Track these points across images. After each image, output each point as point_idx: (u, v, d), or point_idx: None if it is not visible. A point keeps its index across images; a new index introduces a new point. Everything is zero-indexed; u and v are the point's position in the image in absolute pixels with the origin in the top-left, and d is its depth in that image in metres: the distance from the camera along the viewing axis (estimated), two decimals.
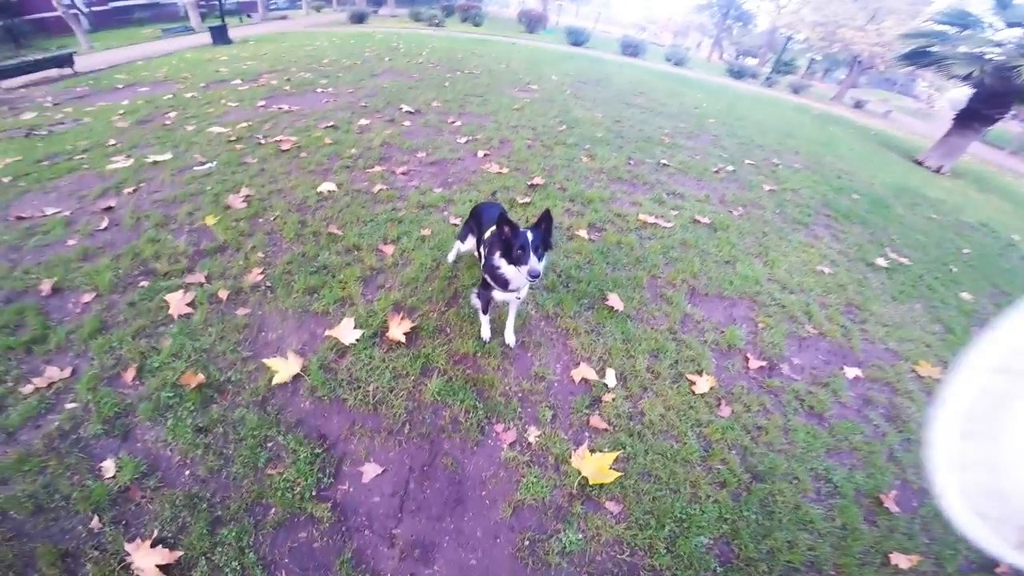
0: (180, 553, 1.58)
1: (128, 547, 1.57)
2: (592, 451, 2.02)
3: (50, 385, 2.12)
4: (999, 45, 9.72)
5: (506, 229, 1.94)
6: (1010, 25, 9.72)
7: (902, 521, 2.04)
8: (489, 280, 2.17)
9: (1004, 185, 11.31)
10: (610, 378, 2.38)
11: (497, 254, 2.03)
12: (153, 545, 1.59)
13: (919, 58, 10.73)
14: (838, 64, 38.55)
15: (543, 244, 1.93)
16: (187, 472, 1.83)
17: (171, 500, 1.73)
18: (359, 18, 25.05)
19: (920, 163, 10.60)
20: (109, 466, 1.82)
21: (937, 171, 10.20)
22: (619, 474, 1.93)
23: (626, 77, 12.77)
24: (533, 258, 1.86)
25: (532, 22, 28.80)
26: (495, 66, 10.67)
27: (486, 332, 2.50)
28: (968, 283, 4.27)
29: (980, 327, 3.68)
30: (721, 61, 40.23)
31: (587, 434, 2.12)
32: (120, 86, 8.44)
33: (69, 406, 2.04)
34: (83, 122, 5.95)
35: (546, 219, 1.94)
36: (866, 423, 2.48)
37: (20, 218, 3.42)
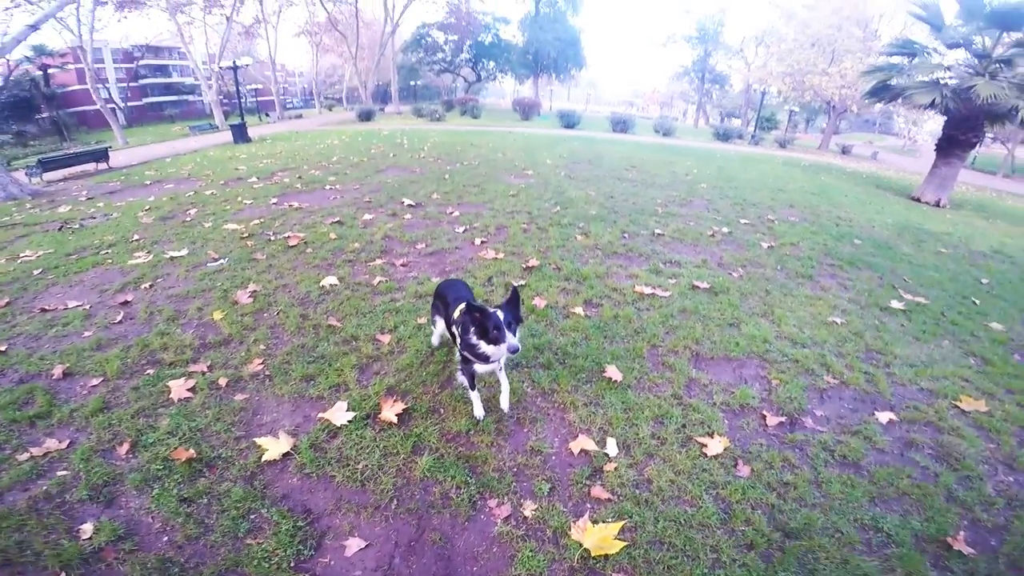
0: None
1: None
2: (594, 522, 1.90)
3: (46, 454, 2.24)
4: (949, 68, 10.14)
5: (476, 315, 2.07)
6: (951, 47, 10.16)
7: (981, 563, 1.86)
8: (469, 356, 2.23)
9: (1007, 209, 11.37)
10: (611, 447, 2.30)
11: (473, 336, 2.12)
12: None
13: (883, 93, 11.20)
14: (816, 113, 40.60)
15: (515, 319, 2.07)
16: (165, 538, 1.85)
17: (143, 563, 1.74)
18: (367, 116, 27.38)
19: (917, 199, 10.73)
20: (87, 528, 1.87)
21: (936, 205, 10.33)
22: (624, 544, 1.82)
23: (617, 153, 13.54)
24: (509, 335, 2.01)
25: (526, 110, 31.21)
26: (492, 155, 11.42)
27: (479, 411, 2.48)
28: (995, 313, 4.13)
29: (1021, 354, 3.49)
30: (707, 126, 42.67)
31: (588, 505, 2.02)
32: (148, 182, 9.19)
33: (60, 473, 2.13)
34: (112, 217, 6.44)
35: (514, 296, 2.11)
36: (912, 466, 2.34)
37: (44, 310, 3.69)
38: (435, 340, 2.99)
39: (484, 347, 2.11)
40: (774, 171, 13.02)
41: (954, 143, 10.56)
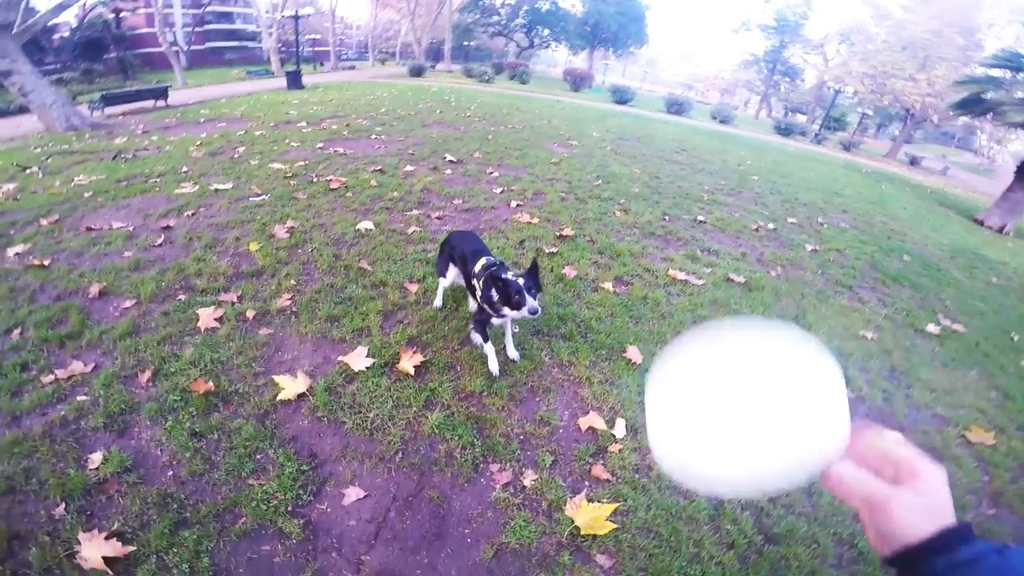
0: (132, 548, 1.59)
1: (82, 536, 1.59)
2: (590, 500, 1.91)
3: (70, 377, 2.28)
4: None
5: (500, 285, 2.16)
6: None
7: None
8: (488, 309, 2.27)
9: None
10: (620, 429, 2.28)
11: (497, 301, 2.18)
12: (108, 538, 1.60)
13: (973, 106, 10.29)
14: (891, 119, 37.52)
15: (535, 286, 2.16)
16: (170, 472, 1.88)
17: (143, 496, 1.77)
18: (417, 71, 27.15)
19: (980, 222, 9.93)
20: (96, 458, 1.89)
21: (1000, 231, 9.52)
22: (614, 526, 1.82)
23: (669, 134, 12.99)
24: (530, 299, 2.10)
25: (577, 81, 30.19)
26: (537, 122, 11.15)
27: (494, 366, 2.49)
28: None
29: None
30: (769, 119, 40.25)
31: (587, 483, 2.02)
32: (202, 120, 9.44)
33: (80, 398, 2.17)
34: (164, 150, 6.66)
35: (534, 267, 2.21)
36: None
37: (90, 229, 3.85)
38: (438, 302, 2.97)
39: (507, 311, 2.21)
40: (832, 173, 12.25)
41: None
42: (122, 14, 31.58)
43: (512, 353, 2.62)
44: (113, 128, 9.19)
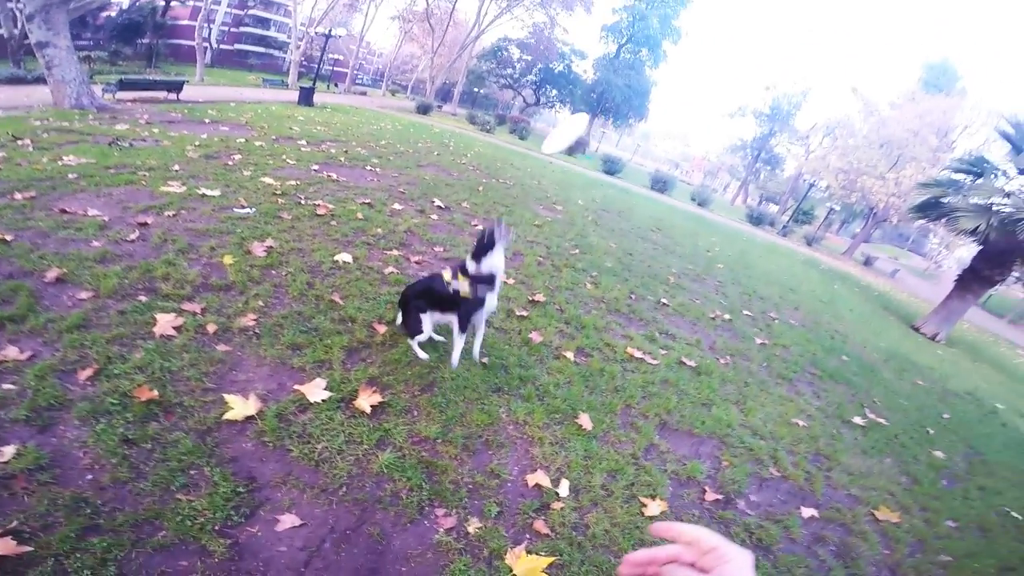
0: (28, 549, 1.51)
1: None
2: (529, 552, 1.99)
3: (1, 362, 2.16)
4: (1008, 195, 9.67)
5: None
6: (1022, 172, 9.69)
7: None
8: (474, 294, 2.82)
9: (997, 355, 11.42)
10: (563, 488, 2.39)
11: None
12: (2, 535, 1.52)
13: (931, 210, 10.82)
14: (854, 215, 40.22)
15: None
16: (89, 476, 1.80)
17: (54, 498, 1.68)
18: (424, 109, 28.13)
19: (917, 329, 10.60)
20: (8, 451, 1.79)
21: (933, 338, 10.18)
22: None
23: (648, 212, 13.76)
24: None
25: (573, 145, 31.66)
26: (528, 180, 11.67)
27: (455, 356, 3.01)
28: (943, 443, 4.41)
29: (948, 481, 3.81)
30: (744, 206, 42.73)
31: (528, 536, 2.10)
32: (207, 120, 9.48)
33: (6, 386, 2.06)
34: (162, 144, 6.64)
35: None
36: (813, 558, 2.52)
37: (64, 211, 3.72)
38: (424, 355, 3.04)
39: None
40: (792, 268, 13.14)
41: (977, 277, 10.33)
42: (172, 2, 32.05)
43: (477, 357, 3.05)
44: (119, 113, 9.13)
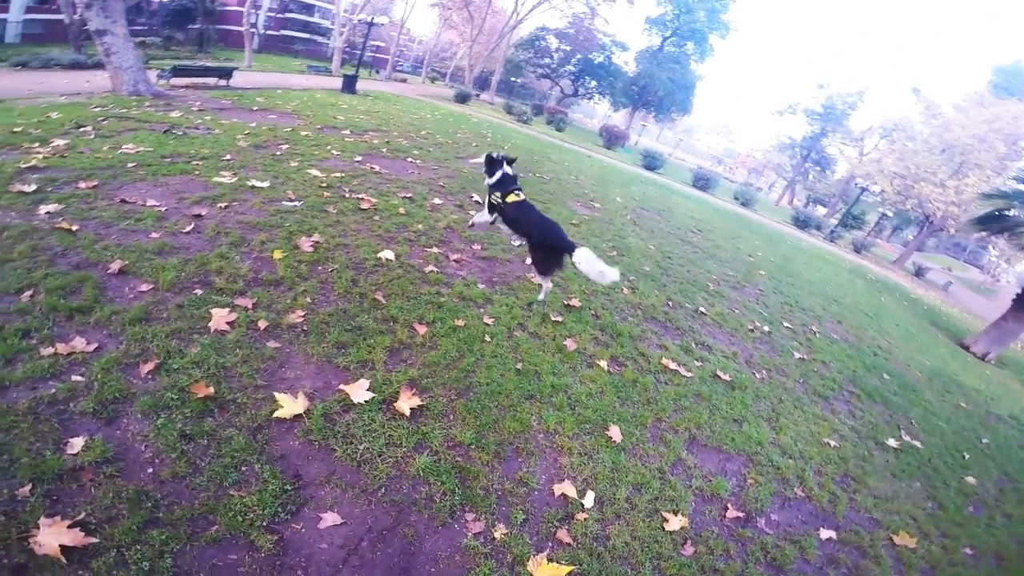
0: (94, 540, 1.59)
1: (43, 520, 1.58)
2: (550, 560, 2.05)
3: (70, 354, 2.27)
4: None
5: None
6: None
7: None
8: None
9: None
10: (588, 500, 2.43)
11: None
12: (72, 526, 1.58)
13: (993, 223, 10.30)
14: (908, 222, 37.93)
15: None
16: (150, 470, 1.89)
17: (118, 490, 1.77)
18: (463, 98, 28.15)
19: (967, 347, 10.03)
20: (78, 443, 1.87)
21: (982, 358, 9.62)
22: None
23: (688, 211, 13.39)
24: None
25: (612, 138, 31.08)
26: (565, 176, 11.53)
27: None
28: (977, 469, 4.27)
29: (975, 507, 3.69)
30: (790, 206, 40.77)
31: (550, 544, 2.16)
32: (255, 108, 9.80)
33: (75, 378, 2.17)
34: (214, 132, 6.93)
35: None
36: None
37: (124, 201, 3.95)
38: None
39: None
40: (838, 277, 12.55)
41: None
42: None
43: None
44: (173, 100, 9.55)
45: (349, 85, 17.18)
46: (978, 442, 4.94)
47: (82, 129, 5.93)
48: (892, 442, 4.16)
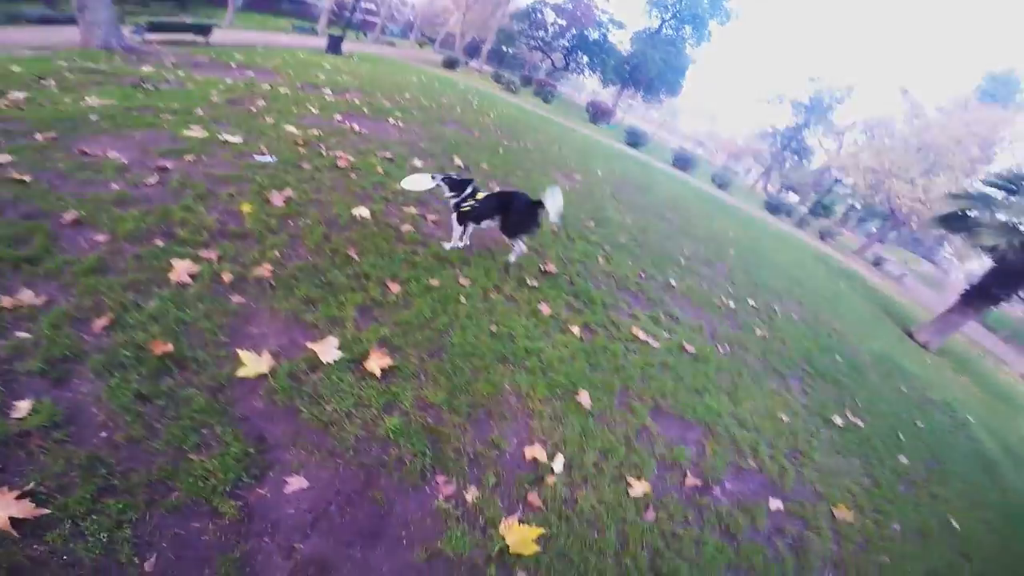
0: (46, 511, 1.52)
1: None
2: (520, 522, 2.11)
3: (15, 308, 2.11)
4: None
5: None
6: None
7: None
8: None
9: (982, 369, 11.50)
10: (558, 464, 2.51)
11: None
12: (20, 497, 1.51)
13: (956, 223, 10.68)
14: (873, 215, 39.12)
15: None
16: (103, 434, 1.79)
17: (68, 457, 1.68)
18: (451, 64, 27.29)
19: (911, 335, 10.62)
20: (24, 406, 1.76)
21: (924, 346, 10.21)
22: (538, 549, 2.03)
23: (667, 190, 13.51)
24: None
25: (598, 114, 30.80)
26: (549, 146, 11.42)
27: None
28: (910, 450, 4.57)
29: (905, 486, 3.98)
30: (764, 192, 41.61)
31: (521, 507, 2.22)
32: (233, 65, 9.31)
33: (21, 335, 2.02)
34: (186, 87, 6.56)
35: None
36: (771, 548, 2.68)
37: (83, 152, 3.72)
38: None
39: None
40: (802, 262, 12.98)
41: (984, 295, 10.27)
42: None
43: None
44: (146, 55, 9.01)
45: (334, 45, 16.41)
46: (913, 425, 5.26)
47: (43, 82, 5.52)
48: (838, 420, 4.39)
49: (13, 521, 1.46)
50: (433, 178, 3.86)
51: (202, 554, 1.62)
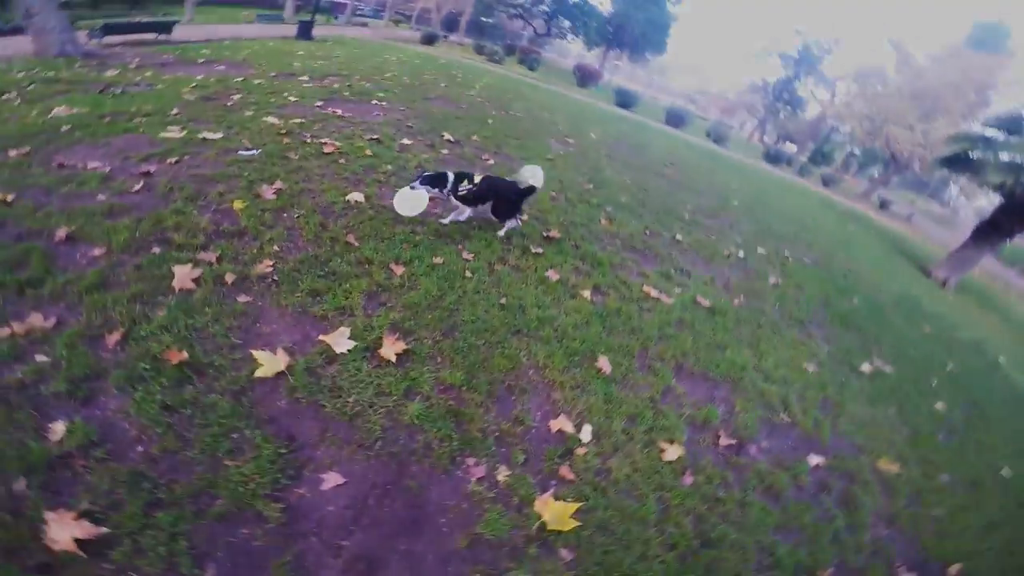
0: (105, 530, 1.52)
1: (48, 515, 1.49)
2: (556, 498, 2.06)
3: (28, 332, 2.10)
4: None
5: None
6: None
7: None
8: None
9: (1005, 304, 11.44)
10: (585, 434, 2.44)
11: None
12: (78, 518, 1.51)
13: (957, 164, 10.85)
14: (874, 160, 38.60)
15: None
16: (139, 448, 1.79)
17: (113, 475, 1.68)
18: (430, 39, 26.51)
19: (928, 273, 10.57)
20: (58, 428, 1.76)
21: (943, 284, 10.17)
22: (577, 523, 1.97)
23: (663, 147, 13.23)
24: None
25: (585, 77, 30.05)
26: (539, 113, 11.16)
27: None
28: (945, 395, 4.43)
29: (946, 434, 3.87)
30: (761, 143, 40.98)
31: (554, 482, 2.17)
32: (201, 60, 9.04)
33: (40, 358, 2.00)
34: (156, 88, 6.39)
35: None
36: (818, 506, 2.59)
37: (62, 165, 3.62)
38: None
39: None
40: (808, 208, 12.78)
41: (996, 229, 10.28)
42: None
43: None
44: (107, 59, 8.75)
45: (304, 31, 15.90)
46: (944, 368, 5.08)
47: (5, 96, 5.37)
48: (866, 367, 4.25)
49: (78, 542, 1.47)
50: (413, 188, 3.62)
51: (256, 561, 1.60)
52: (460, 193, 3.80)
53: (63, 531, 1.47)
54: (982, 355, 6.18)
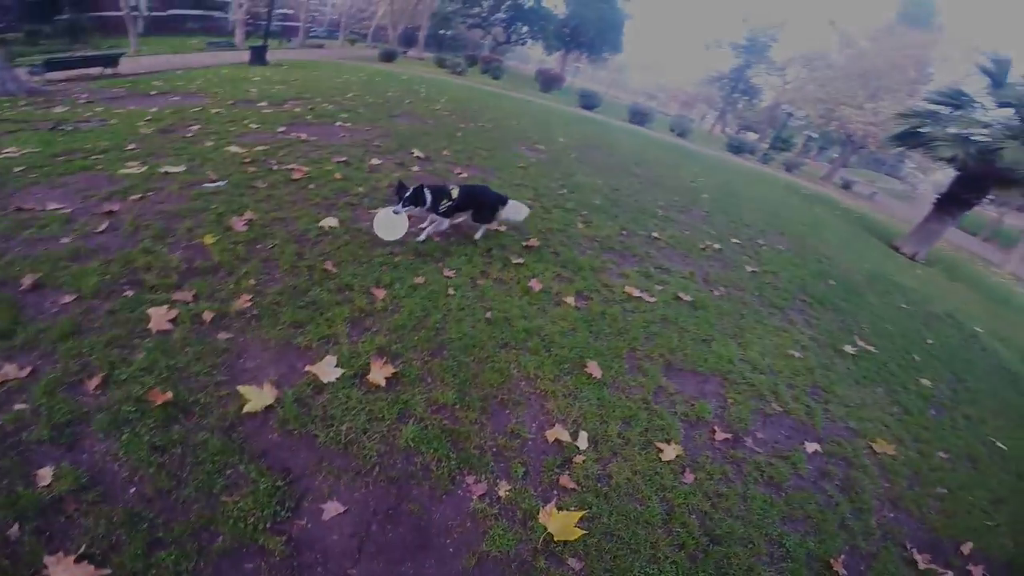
0: (107, 572, 1.52)
1: (48, 559, 1.50)
2: (559, 509, 2.06)
3: (3, 383, 2.07)
4: (986, 126, 10.01)
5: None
6: (1001, 105, 10.08)
7: None
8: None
9: (973, 274, 11.90)
10: (582, 441, 2.45)
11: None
12: (78, 561, 1.52)
13: (909, 139, 11.19)
14: (832, 142, 40.09)
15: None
16: (132, 490, 1.78)
17: (108, 516, 1.67)
18: (389, 56, 26.40)
19: (896, 248, 10.92)
20: (46, 474, 1.75)
21: (912, 258, 10.52)
22: (583, 532, 1.97)
23: (630, 146, 13.43)
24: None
25: (548, 81, 30.47)
26: (507, 121, 11.20)
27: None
28: (928, 371, 4.57)
29: (936, 410, 3.97)
30: (723, 134, 42.12)
31: (556, 492, 2.17)
32: (154, 92, 8.76)
33: (18, 407, 1.97)
34: (110, 123, 6.13)
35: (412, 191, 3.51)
36: (821, 493, 2.64)
37: (20, 209, 3.45)
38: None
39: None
40: (775, 194, 13.13)
41: (955, 201, 10.68)
42: None
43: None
44: (53, 95, 8.34)
45: (258, 57, 15.61)
46: (924, 343, 5.25)
47: None
48: (849, 348, 4.36)
49: None
50: (396, 212, 3.50)
51: None
52: (441, 210, 3.79)
53: (65, 574, 1.48)
54: (958, 327, 6.39)
